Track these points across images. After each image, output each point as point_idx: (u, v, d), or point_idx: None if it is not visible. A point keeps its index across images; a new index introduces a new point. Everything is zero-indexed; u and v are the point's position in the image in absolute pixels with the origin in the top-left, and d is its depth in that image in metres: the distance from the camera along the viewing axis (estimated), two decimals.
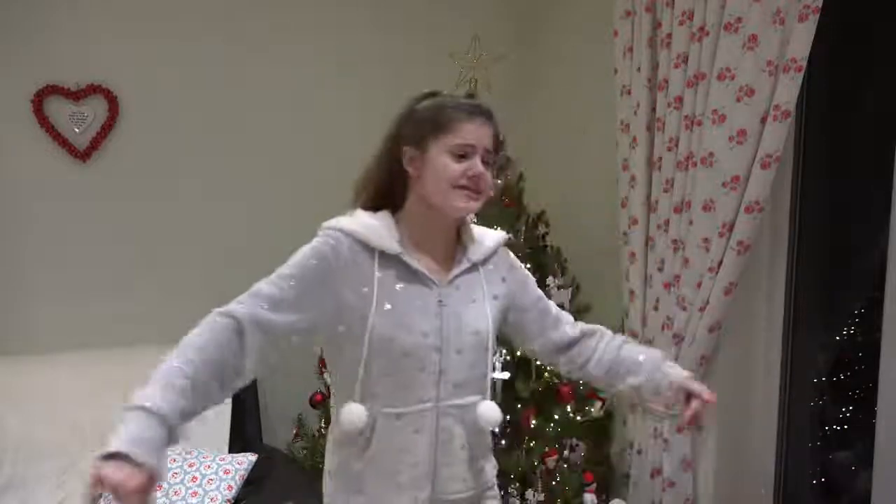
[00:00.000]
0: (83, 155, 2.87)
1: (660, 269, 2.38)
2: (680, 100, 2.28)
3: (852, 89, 2.23)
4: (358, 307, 1.45)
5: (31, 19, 2.74)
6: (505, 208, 2.72)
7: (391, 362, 1.46)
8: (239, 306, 1.44)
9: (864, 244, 2.19)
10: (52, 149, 2.84)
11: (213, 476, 2.42)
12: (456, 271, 1.52)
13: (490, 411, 1.52)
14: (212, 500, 2.36)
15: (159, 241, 2.97)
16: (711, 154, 2.17)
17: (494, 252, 1.60)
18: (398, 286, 1.47)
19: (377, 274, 1.45)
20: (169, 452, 1.26)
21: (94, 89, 2.86)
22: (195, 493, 2.37)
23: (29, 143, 2.79)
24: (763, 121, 2.05)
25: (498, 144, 1.50)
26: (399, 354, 1.45)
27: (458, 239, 1.56)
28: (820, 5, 1.89)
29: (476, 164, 1.43)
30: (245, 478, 2.46)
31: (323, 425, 2.75)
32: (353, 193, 1.58)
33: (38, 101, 2.78)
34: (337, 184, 3.11)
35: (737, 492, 2.41)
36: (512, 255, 1.67)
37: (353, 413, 1.46)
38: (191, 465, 2.44)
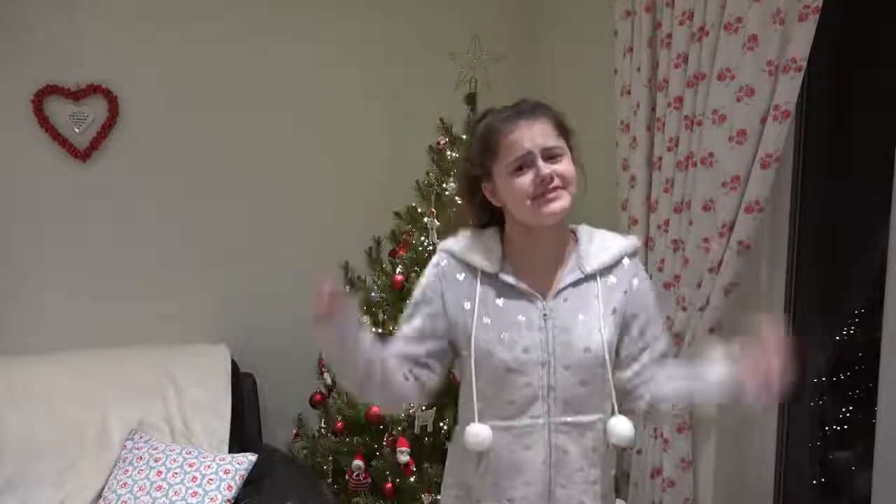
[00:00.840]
0: (83, 155, 2.87)
1: (660, 270, 2.38)
2: (680, 100, 2.28)
3: (852, 89, 2.23)
4: (461, 323, 1.50)
5: (30, 19, 2.74)
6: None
7: (496, 377, 1.47)
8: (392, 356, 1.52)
9: (864, 244, 2.19)
10: (52, 149, 2.83)
11: (213, 476, 2.42)
12: (565, 283, 1.48)
13: (618, 427, 1.46)
14: (212, 499, 2.36)
15: (159, 241, 2.97)
16: (711, 154, 2.17)
17: (619, 262, 1.52)
18: (498, 301, 1.48)
19: (478, 289, 1.48)
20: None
21: (94, 89, 2.86)
22: (195, 493, 2.37)
23: (29, 143, 2.78)
24: (763, 121, 2.05)
25: (561, 130, 1.46)
26: (502, 370, 1.46)
27: (571, 247, 1.51)
28: (820, 5, 1.89)
29: (539, 169, 1.39)
30: (245, 478, 2.46)
31: (323, 425, 2.75)
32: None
33: (38, 101, 2.77)
34: (337, 183, 3.13)
35: (737, 492, 2.40)
36: (642, 267, 1.58)
37: (478, 435, 1.48)
38: (191, 465, 2.44)
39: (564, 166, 1.42)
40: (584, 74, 3.00)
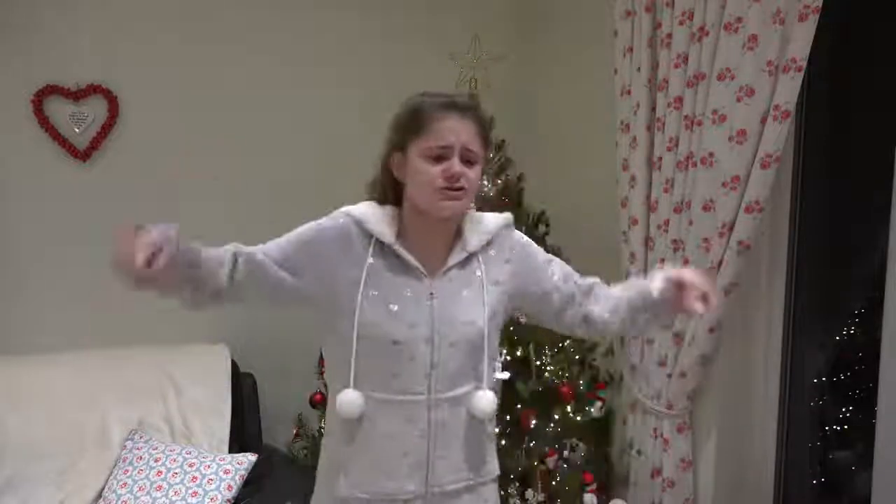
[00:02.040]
0: (83, 155, 2.87)
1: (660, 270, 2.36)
2: (680, 100, 2.28)
3: (852, 89, 2.23)
4: (347, 289, 1.48)
5: (30, 19, 2.74)
6: (504, 208, 2.71)
7: (379, 348, 1.47)
8: (244, 247, 1.53)
9: (864, 244, 2.19)
10: (52, 149, 2.83)
11: (213, 476, 2.42)
12: (450, 263, 1.51)
13: (482, 400, 1.50)
14: (212, 499, 2.36)
15: None
16: (711, 154, 2.17)
17: (496, 235, 1.56)
18: (388, 274, 1.49)
19: (370, 260, 1.48)
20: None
21: (94, 89, 2.85)
22: (195, 493, 2.37)
23: (29, 143, 2.78)
24: (763, 121, 2.05)
25: (484, 138, 1.48)
26: (387, 342, 1.47)
27: (459, 231, 1.54)
28: (820, 5, 1.89)
29: (453, 165, 1.42)
30: (245, 478, 2.46)
31: (323, 425, 2.75)
32: (366, 194, 1.61)
33: (38, 101, 2.77)
34: (337, 184, 3.12)
35: (737, 492, 2.40)
36: (517, 233, 1.62)
37: (350, 400, 1.47)
38: (191, 465, 2.44)
39: (474, 173, 1.45)
40: (584, 74, 3.00)
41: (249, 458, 2.50)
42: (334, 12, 3.11)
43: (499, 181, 2.67)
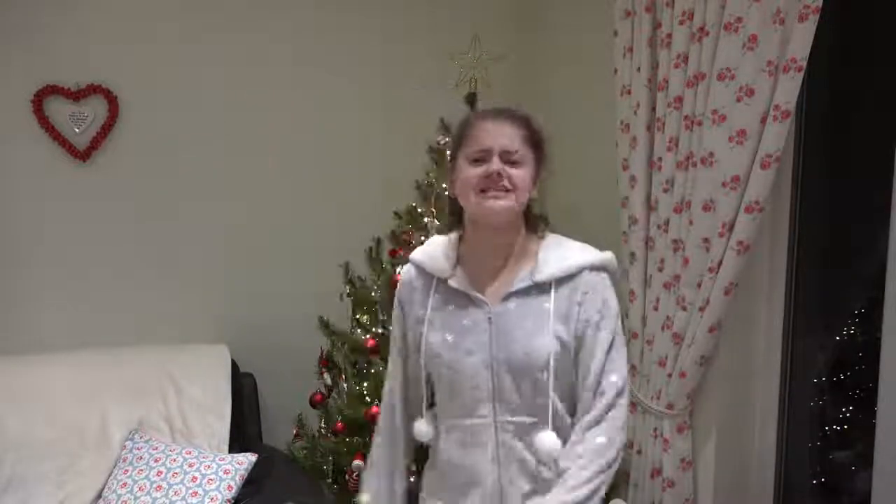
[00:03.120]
0: (83, 155, 2.87)
1: (660, 270, 2.37)
2: (680, 100, 2.27)
3: (852, 89, 2.22)
4: (414, 327, 1.62)
5: (30, 19, 2.74)
6: None
7: (444, 379, 1.55)
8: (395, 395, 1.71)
9: (864, 244, 2.18)
10: (52, 149, 2.83)
11: (213, 476, 2.42)
12: (512, 289, 1.51)
13: (543, 441, 1.49)
14: (212, 499, 2.36)
15: (159, 241, 2.97)
16: (711, 154, 2.17)
17: (577, 275, 1.52)
18: (449, 307, 1.55)
19: (433, 296, 1.57)
20: None
21: (94, 89, 2.86)
22: (195, 493, 2.37)
23: (29, 143, 2.78)
24: (763, 121, 2.04)
25: (531, 139, 1.49)
26: (450, 371, 1.53)
27: (533, 254, 1.54)
28: (820, 5, 1.88)
29: (491, 165, 1.44)
30: (245, 478, 2.46)
31: (323, 425, 2.75)
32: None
33: (38, 101, 2.77)
34: (337, 183, 3.13)
35: (737, 492, 2.40)
36: (608, 288, 1.56)
37: (419, 431, 1.64)
38: (191, 465, 2.44)
39: (518, 172, 1.46)
40: (584, 74, 2.99)
41: (249, 458, 2.50)
42: (334, 13, 3.11)
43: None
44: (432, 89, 2.68)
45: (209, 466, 2.45)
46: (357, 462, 2.50)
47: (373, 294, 2.66)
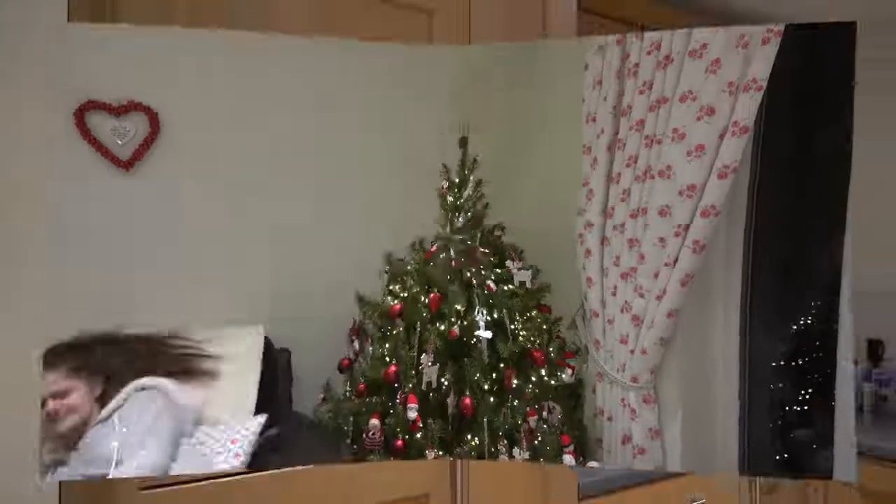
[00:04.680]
0: (126, 164, 2.40)
1: (615, 265, 2.01)
2: (642, 122, 1.99)
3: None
4: None
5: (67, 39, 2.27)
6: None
7: None
8: None
9: (819, 241, 1.82)
10: (94, 158, 2.35)
11: (221, 449, 1.95)
12: None
13: None
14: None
15: (204, 240, 2.46)
16: (669, 167, 1.86)
17: None
18: None
19: None
20: None
21: (134, 106, 2.39)
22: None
23: (70, 154, 2.29)
24: (722, 136, 1.72)
25: None
26: None
27: None
28: (782, 29, 1.55)
29: None
30: (257, 441, 1.96)
31: (348, 388, 2.26)
32: None
33: (80, 114, 2.31)
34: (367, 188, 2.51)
35: (704, 460, 2.01)
36: None
37: None
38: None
39: None
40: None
41: (259, 421, 2.00)
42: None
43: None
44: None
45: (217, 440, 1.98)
46: (374, 421, 2.07)
47: (409, 267, 2.21)
